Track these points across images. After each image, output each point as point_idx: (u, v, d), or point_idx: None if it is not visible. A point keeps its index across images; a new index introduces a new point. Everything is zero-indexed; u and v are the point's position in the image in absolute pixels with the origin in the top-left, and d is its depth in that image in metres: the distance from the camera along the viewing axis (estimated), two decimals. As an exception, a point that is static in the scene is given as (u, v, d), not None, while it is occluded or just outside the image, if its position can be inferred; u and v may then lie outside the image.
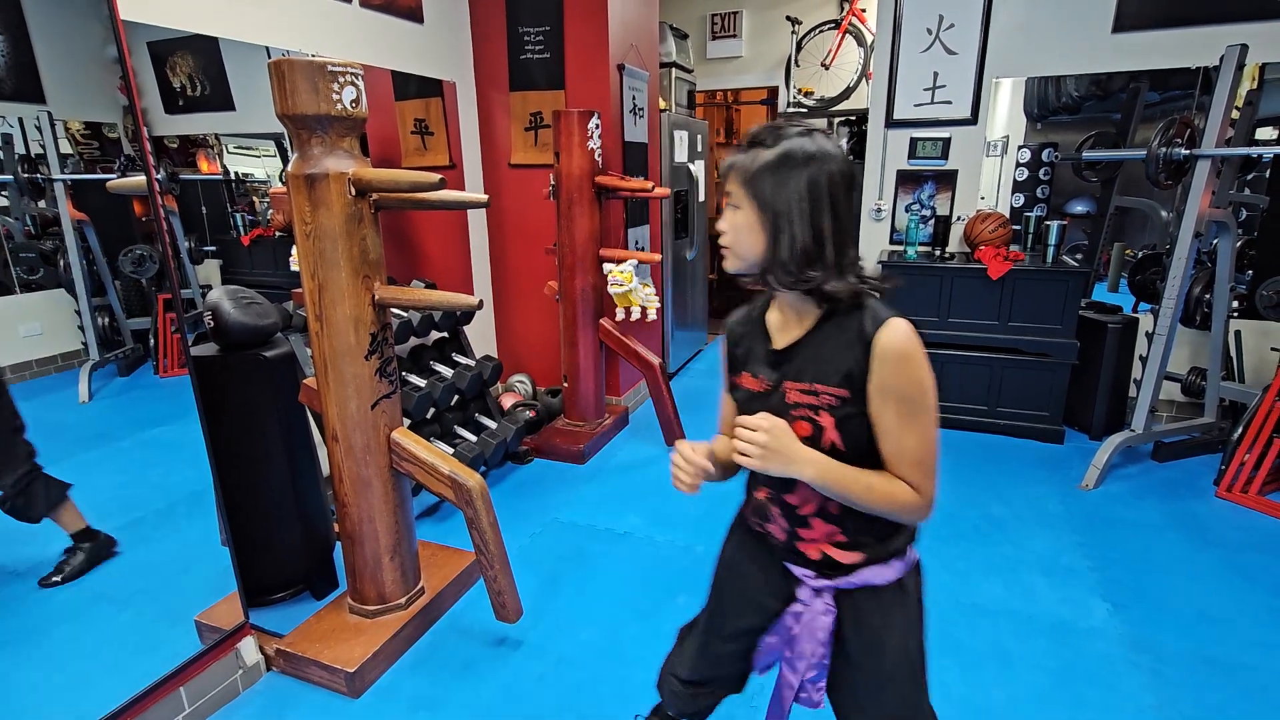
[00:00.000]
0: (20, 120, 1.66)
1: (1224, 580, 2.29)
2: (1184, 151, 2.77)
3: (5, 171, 1.67)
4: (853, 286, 0.97)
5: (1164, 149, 2.79)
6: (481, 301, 1.80)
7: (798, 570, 1.12)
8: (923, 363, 0.95)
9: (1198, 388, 3.29)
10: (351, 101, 1.66)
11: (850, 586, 1.08)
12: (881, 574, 1.08)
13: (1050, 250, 3.35)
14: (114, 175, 1.86)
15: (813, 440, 0.99)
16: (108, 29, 1.59)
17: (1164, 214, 3.54)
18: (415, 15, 3.09)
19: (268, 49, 2.38)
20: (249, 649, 1.88)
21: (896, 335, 0.93)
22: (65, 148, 1.77)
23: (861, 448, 0.99)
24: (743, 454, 0.96)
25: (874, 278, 1.00)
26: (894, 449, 0.97)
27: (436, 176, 1.68)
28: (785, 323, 1.06)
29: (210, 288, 2.32)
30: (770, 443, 0.95)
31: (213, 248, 2.59)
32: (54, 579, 1.73)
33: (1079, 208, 3.76)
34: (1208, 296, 3.12)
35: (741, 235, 0.99)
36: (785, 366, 1.03)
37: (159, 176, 2.32)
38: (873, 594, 1.09)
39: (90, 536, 1.78)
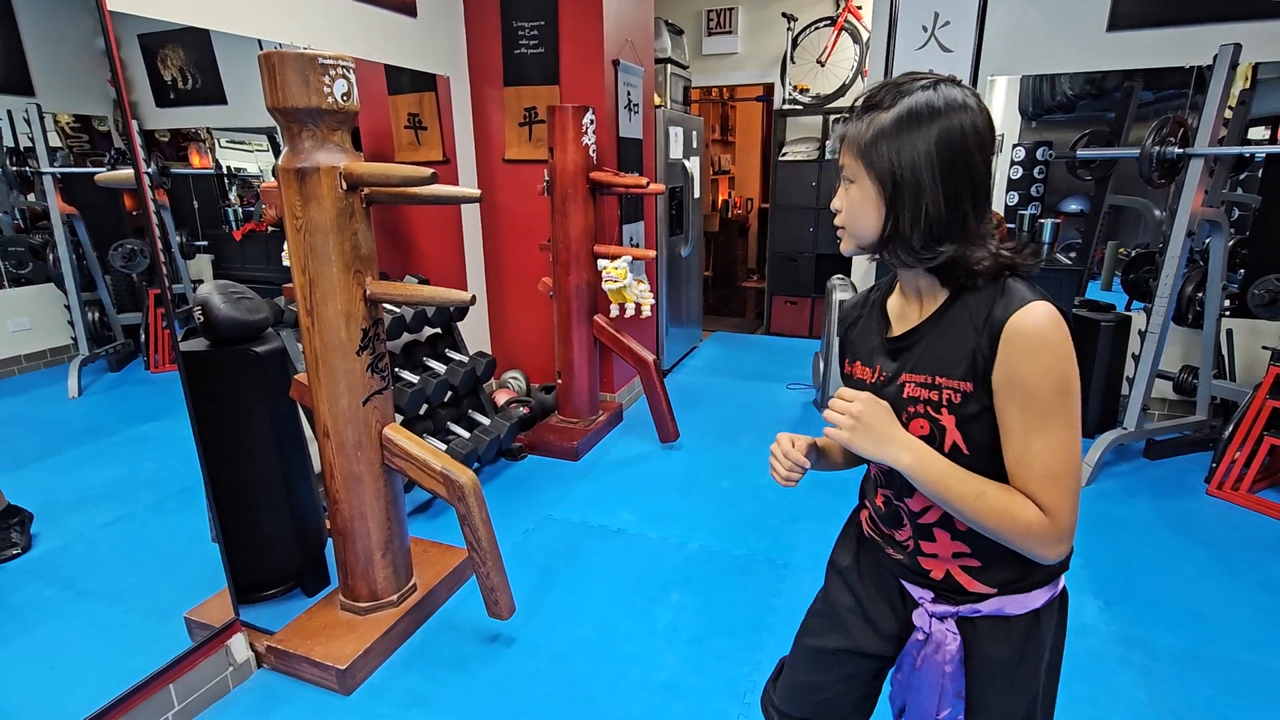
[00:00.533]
0: (9, 113, 1.64)
1: (1214, 577, 2.30)
2: (1177, 150, 2.77)
3: (-5, 164, 1.66)
4: (994, 258, 0.82)
5: (1157, 148, 2.80)
6: (474, 297, 1.79)
7: (916, 591, 0.97)
8: (1064, 356, 0.78)
9: (1190, 386, 3.30)
10: (343, 95, 1.65)
11: (974, 615, 0.92)
12: (1020, 603, 0.90)
13: (1044, 248, 3.35)
14: (104, 169, 1.84)
15: (932, 442, 0.85)
16: (96, 21, 1.57)
17: (1157, 213, 3.56)
18: (409, 9, 3.07)
19: (259, 42, 2.36)
20: (239, 646, 1.87)
21: (1033, 319, 0.78)
22: (55, 141, 1.75)
23: (989, 455, 0.83)
24: (833, 426, 0.86)
25: (1017, 250, 0.84)
26: (1018, 455, 0.80)
27: (428, 171, 1.67)
28: (907, 306, 0.92)
29: (202, 282, 2.31)
30: (864, 414, 0.84)
31: (204, 242, 2.57)
32: (13, 552, 1.68)
33: (1073, 206, 3.77)
34: (1200, 295, 3.13)
35: (857, 213, 0.86)
36: (904, 356, 0.89)
37: (150, 170, 2.30)
38: (1002, 622, 0.92)
39: (16, 512, 1.72)
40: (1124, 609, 2.14)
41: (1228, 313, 3.25)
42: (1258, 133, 3.23)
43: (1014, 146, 3.74)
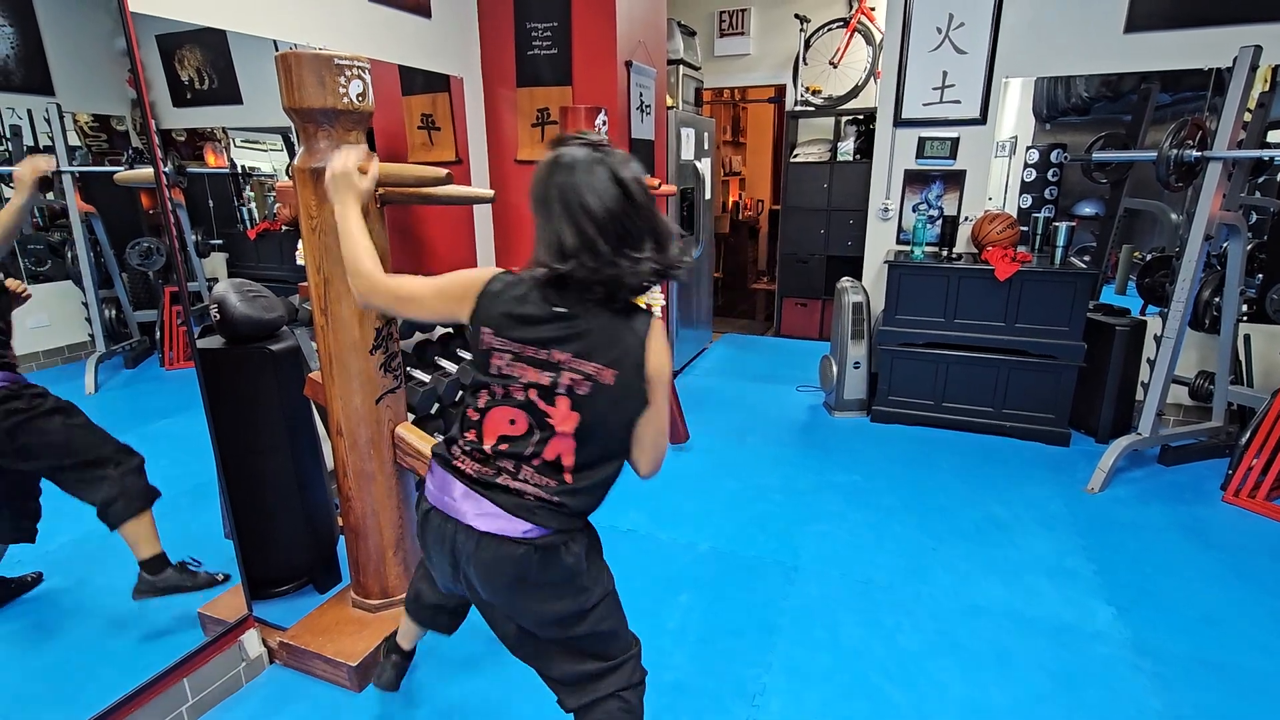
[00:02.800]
0: (29, 112, 1.66)
1: (1229, 584, 2.27)
2: (1195, 154, 2.75)
3: (14, 163, 1.68)
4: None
5: (1175, 151, 2.77)
6: (450, 174, 1.76)
7: None
8: None
9: (1206, 392, 3.27)
10: (358, 95, 1.66)
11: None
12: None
13: (1058, 252, 3.33)
14: (122, 168, 1.86)
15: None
16: (116, 21, 1.59)
17: (1174, 216, 3.52)
18: (423, 10, 3.09)
19: (275, 42, 2.38)
20: (252, 642, 1.89)
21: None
22: (74, 140, 1.77)
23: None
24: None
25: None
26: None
27: (443, 171, 1.67)
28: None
29: (216, 281, 2.33)
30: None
31: (219, 241, 2.59)
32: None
33: (1087, 209, 3.74)
34: (1217, 300, 3.09)
35: None
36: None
37: (166, 169, 2.32)
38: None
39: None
40: (1137, 615, 2.12)
41: (1245, 318, 3.21)
42: (1277, 135, 3.19)
43: (1027, 149, 3.72)
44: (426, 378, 2.79)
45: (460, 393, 2.97)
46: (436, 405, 2.84)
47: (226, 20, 2.21)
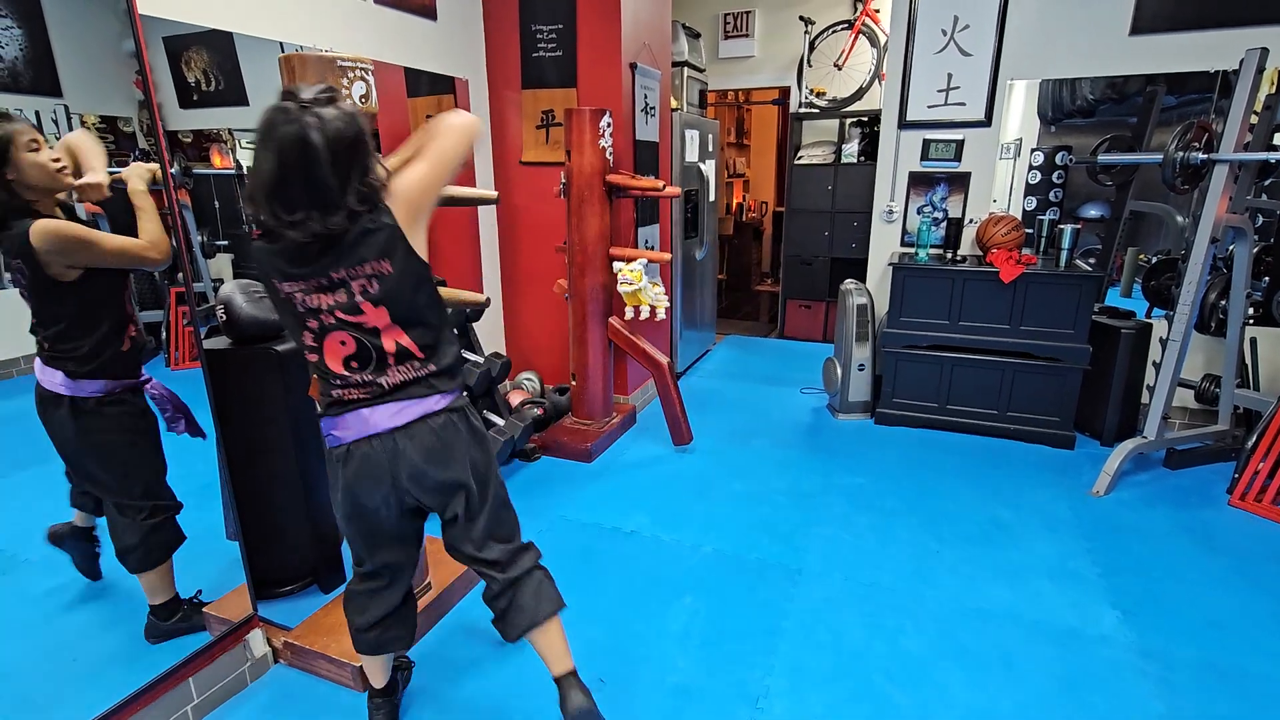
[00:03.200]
0: (37, 113, 1.67)
1: (1235, 589, 2.26)
2: (1201, 156, 2.74)
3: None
4: None
5: (1181, 153, 2.76)
6: (489, 299, 1.81)
7: None
8: None
9: (1212, 395, 3.26)
10: (360, 96, 1.67)
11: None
12: None
13: (1063, 254, 3.32)
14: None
15: None
16: (124, 24, 1.60)
17: (1179, 219, 3.51)
18: (429, 12, 3.10)
19: (281, 44, 2.39)
20: (257, 641, 1.89)
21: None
22: (82, 141, 1.78)
23: None
24: None
25: None
26: None
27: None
28: None
29: (221, 281, 2.33)
30: None
31: (225, 241, 2.60)
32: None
33: (1092, 211, 3.73)
34: (1223, 303, 3.08)
35: None
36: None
37: (173, 170, 2.33)
38: None
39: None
40: (1143, 619, 2.11)
41: (1251, 321, 3.20)
42: (1284, 138, 3.17)
43: (1032, 151, 3.71)
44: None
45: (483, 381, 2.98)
46: (465, 394, 2.86)
47: (234, 23, 2.22)
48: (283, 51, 2.39)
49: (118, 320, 1.61)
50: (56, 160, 1.47)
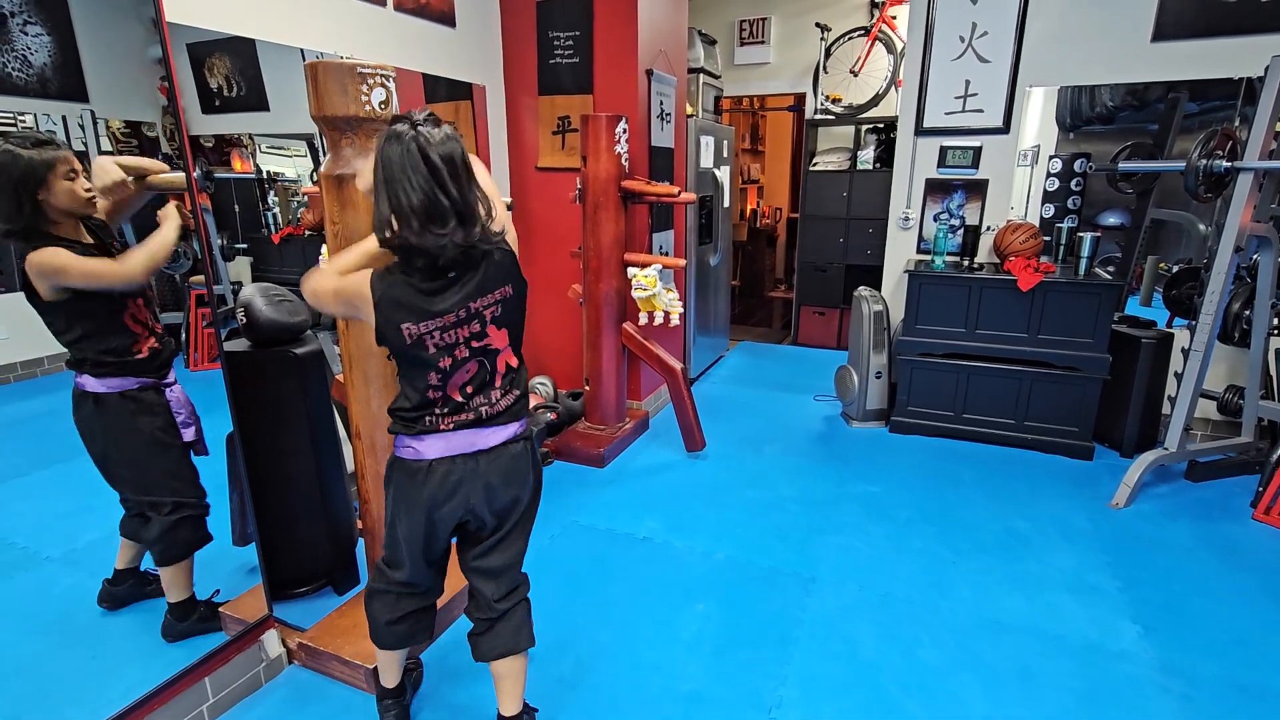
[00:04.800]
0: (64, 118, 1.70)
1: (1260, 605, 2.22)
2: (1225, 164, 2.70)
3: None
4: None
5: (1204, 161, 2.72)
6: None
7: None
8: None
9: (1235, 406, 3.20)
10: (380, 103, 1.68)
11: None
12: None
13: (1083, 262, 3.28)
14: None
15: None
16: (150, 31, 1.63)
17: (1202, 227, 3.46)
18: (448, 19, 3.13)
19: (303, 51, 2.42)
20: (272, 642, 1.90)
21: None
22: (106, 145, 1.81)
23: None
24: None
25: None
26: None
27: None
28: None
29: (241, 284, 2.36)
30: None
31: (244, 245, 2.63)
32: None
33: (1112, 219, 3.69)
34: (1247, 313, 3.03)
35: None
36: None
37: (195, 174, 2.36)
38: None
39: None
40: (1165, 634, 2.07)
41: (1276, 331, 3.14)
42: (1310, 146, 3.12)
43: (1050, 158, 3.67)
44: None
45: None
46: None
47: (258, 30, 2.25)
48: (304, 59, 2.43)
49: (118, 336, 1.65)
50: (89, 190, 1.55)
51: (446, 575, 1.65)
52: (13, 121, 1.53)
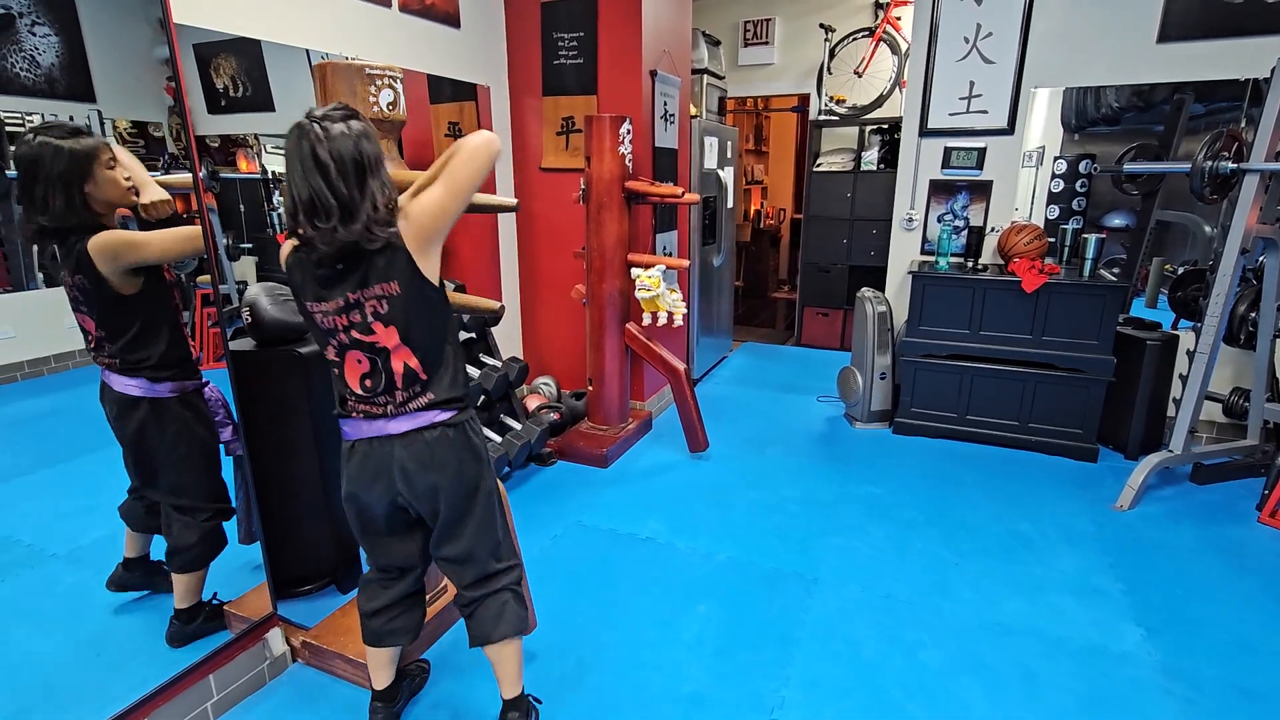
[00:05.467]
0: (71, 118, 1.71)
1: (1265, 609, 2.21)
2: (1231, 165, 2.69)
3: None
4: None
5: (1210, 162, 2.72)
6: (503, 306, 1.83)
7: None
8: None
9: (1240, 409, 3.19)
10: (388, 104, 1.69)
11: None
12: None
13: (1087, 264, 3.27)
14: (159, 173, 1.91)
15: None
16: (157, 31, 1.64)
17: (1207, 229, 3.45)
18: (453, 20, 3.13)
19: (308, 52, 2.43)
20: (276, 640, 1.91)
21: None
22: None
23: None
24: None
25: None
26: None
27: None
28: None
29: (246, 284, 2.37)
30: None
31: (249, 245, 2.64)
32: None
33: (1117, 221, 3.68)
34: (1253, 315, 3.02)
35: None
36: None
37: (202, 174, 2.37)
38: None
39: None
40: (1169, 638, 2.07)
41: (1282, 334, 3.13)
42: (1316, 148, 3.10)
43: (1055, 159, 3.66)
44: (476, 372, 2.86)
45: (483, 398, 3.00)
46: (483, 398, 2.91)
47: (264, 31, 2.26)
48: (309, 59, 2.44)
49: (175, 329, 1.65)
50: (127, 179, 1.54)
51: (426, 568, 1.67)
52: (20, 121, 1.54)
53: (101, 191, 1.48)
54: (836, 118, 5.18)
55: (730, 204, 4.82)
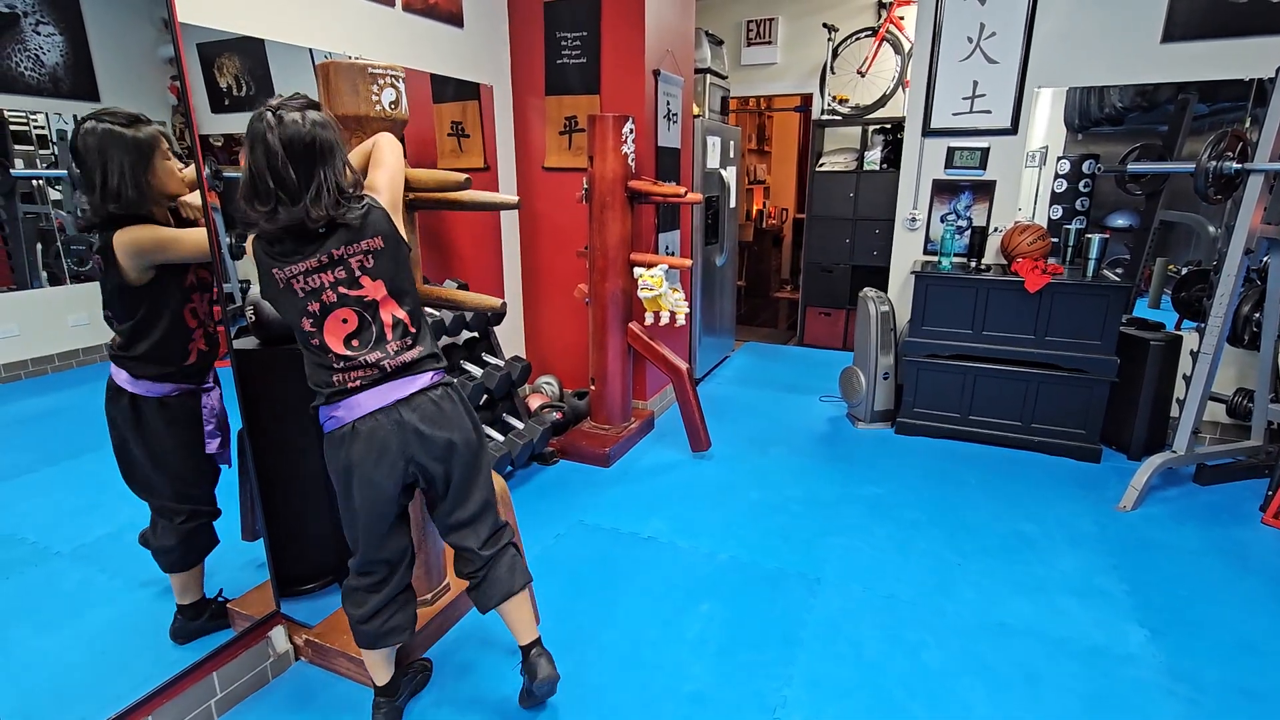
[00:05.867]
0: (75, 117, 1.71)
1: (1269, 610, 2.21)
2: (1235, 166, 2.68)
3: (60, 166, 1.73)
4: None
5: (1214, 162, 2.71)
6: (504, 304, 1.83)
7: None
8: None
9: (1244, 409, 3.18)
10: (391, 103, 1.69)
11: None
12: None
13: (1091, 264, 3.27)
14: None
15: None
16: (161, 31, 1.64)
17: (1211, 230, 3.44)
18: (456, 20, 3.14)
19: (311, 51, 2.43)
20: (279, 638, 1.91)
21: None
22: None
23: None
24: None
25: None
26: None
27: (463, 176, 1.71)
28: None
29: (249, 283, 2.37)
30: None
31: (252, 244, 2.65)
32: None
33: (1120, 221, 3.67)
34: (1257, 315, 3.01)
35: None
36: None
37: (205, 173, 2.38)
38: None
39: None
40: (1172, 639, 2.06)
41: (1286, 334, 3.12)
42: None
43: (1059, 159, 3.66)
44: (478, 371, 2.86)
45: (485, 397, 3.00)
46: (486, 397, 2.91)
47: (268, 30, 2.27)
48: (313, 59, 2.44)
49: (178, 330, 1.64)
50: (181, 170, 1.56)
51: (414, 565, 1.67)
52: (25, 121, 1.55)
53: (160, 182, 1.50)
54: (839, 117, 5.18)
55: (733, 204, 4.81)
